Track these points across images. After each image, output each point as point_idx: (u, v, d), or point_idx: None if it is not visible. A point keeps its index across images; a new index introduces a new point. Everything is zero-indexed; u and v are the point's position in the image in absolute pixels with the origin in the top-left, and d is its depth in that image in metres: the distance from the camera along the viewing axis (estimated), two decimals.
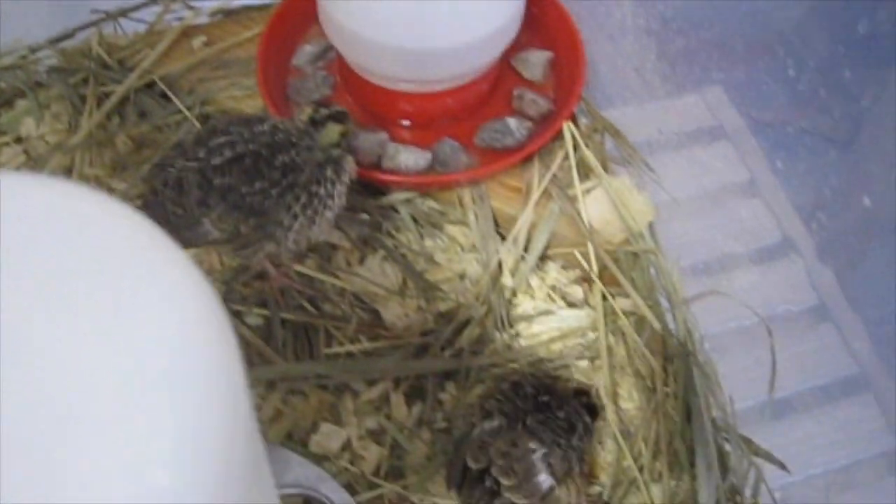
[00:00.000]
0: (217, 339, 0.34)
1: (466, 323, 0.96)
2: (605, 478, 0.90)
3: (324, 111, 0.88)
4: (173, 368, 0.33)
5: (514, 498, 0.81)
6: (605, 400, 0.92)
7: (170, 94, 1.09)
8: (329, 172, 0.87)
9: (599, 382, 0.94)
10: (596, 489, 0.90)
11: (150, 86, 1.11)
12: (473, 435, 0.83)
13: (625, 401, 0.94)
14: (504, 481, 0.81)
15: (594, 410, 0.90)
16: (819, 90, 0.73)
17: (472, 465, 0.82)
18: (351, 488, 0.86)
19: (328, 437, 0.89)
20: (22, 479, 0.30)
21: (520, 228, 0.98)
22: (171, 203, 0.86)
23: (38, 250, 0.35)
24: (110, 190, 1.03)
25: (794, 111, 0.79)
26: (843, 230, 0.81)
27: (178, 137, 1.01)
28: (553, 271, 0.99)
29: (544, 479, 0.82)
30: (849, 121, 0.71)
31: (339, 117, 0.88)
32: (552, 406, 0.85)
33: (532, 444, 0.82)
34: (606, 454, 0.92)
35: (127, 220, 0.36)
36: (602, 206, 0.98)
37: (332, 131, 0.88)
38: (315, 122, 0.88)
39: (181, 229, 0.86)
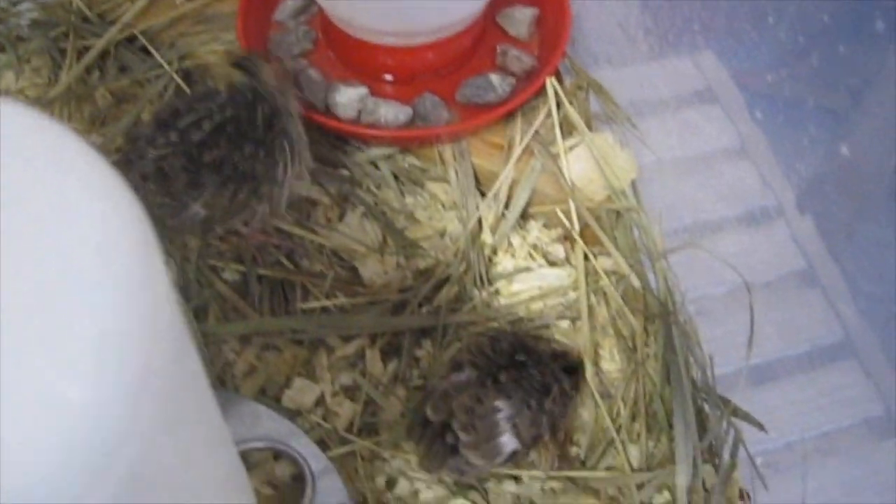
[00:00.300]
0: (136, 249, 0.33)
1: (445, 280, 0.94)
2: (582, 439, 0.89)
3: (244, 58, 0.88)
4: (90, 279, 0.31)
5: (472, 457, 0.79)
6: (586, 361, 0.91)
7: (150, 48, 1.08)
8: (286, 108, 0.87)
9: (580, 343, 0.92)
10: (573, 450, 0.89)
11: (131, 40, 1.10)
12: (439, 387, 0.81)
13: (606, 362, 0.93)
14: (463, 437, 0.79)
15: (576, 374, 0.88)
16: (798, 38, 0.71)
17: (432, 416, 0.80)
18: (323, 444, 0.85)
19: (301, 393, 0.88)
20: None
21: (501, 185, 0.96)
22: (155, 195, 0.83)
23: None
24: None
25: (773, 60, 0.77)
26: (821, 180, 0.80)
27: (133, 130, 0.97)
28: (535, 230, 0.98)
29: (507, 442, 0.80)
30: (827, 68, 0.70)
31: (257, 58, 0.88)
32: (528, 365, 0.83)
33: (498, 403, 0.80)
34: (585, 415, 0.90)
35: (43, 124, 0.35)
36: (585, 163, 0.96)
37: (267, 71, 0.87)
38: (248, 71, 0.87)
39: (166, 219, 0.84)
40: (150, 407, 0.32)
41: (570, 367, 0.87)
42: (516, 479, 0.86)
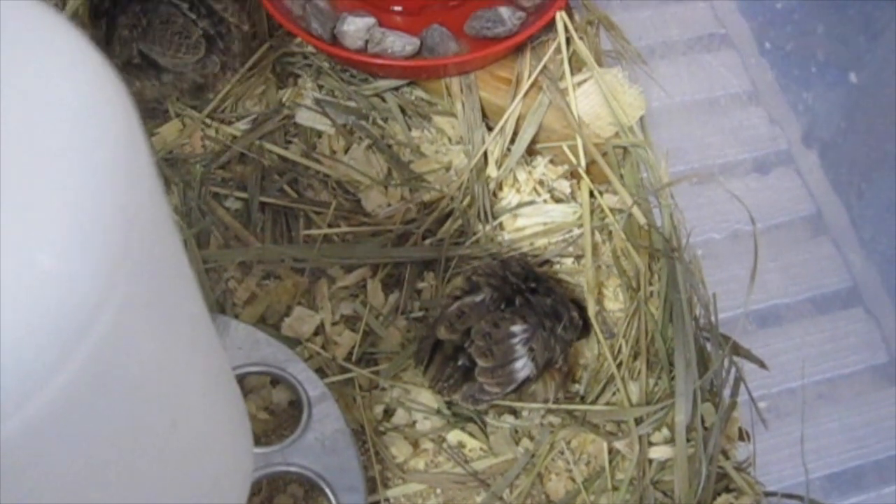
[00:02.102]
0: (114, 119, 0.32)
1: (449, 214, 0.94)
2: (583, 376, 0.89)
3: None
4: (65, 146, 0.31)
5: (487, 383, 0.79)
6: (589, 298, 0.90)
7: None
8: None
9: (584, 281, 0.92)
10: (574, 387, 0.89)
11: None
12: (453, 306, 0.81)
13: (609, 301, 0.93)
14: (480, 362, 0.79)
15: (583, 308, 0.89)
16: None
17: (445, 335, 0.80)
18: (321, 372, 0.84)
19: (301, 321, 0.87)
20: None
21: (507, 119, 0.95)
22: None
23: None
24: None
25: None
26: (829, 110, 0.79)
27: None
28: (541, 165, 0.97)
29: (522, 367, 0.80)
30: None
31: None
32: (539, 292, 0.83)
33: (514, 328, 0.80)
34: (587, 353, 0.90)
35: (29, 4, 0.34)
36: (593, 99, 0.95)
37: None
38: None
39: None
40: (126, 283, 0.32)
41: (578, 301, 0.88)
42: (515, 412, 0.86)
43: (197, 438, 0.45)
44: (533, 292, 0.82)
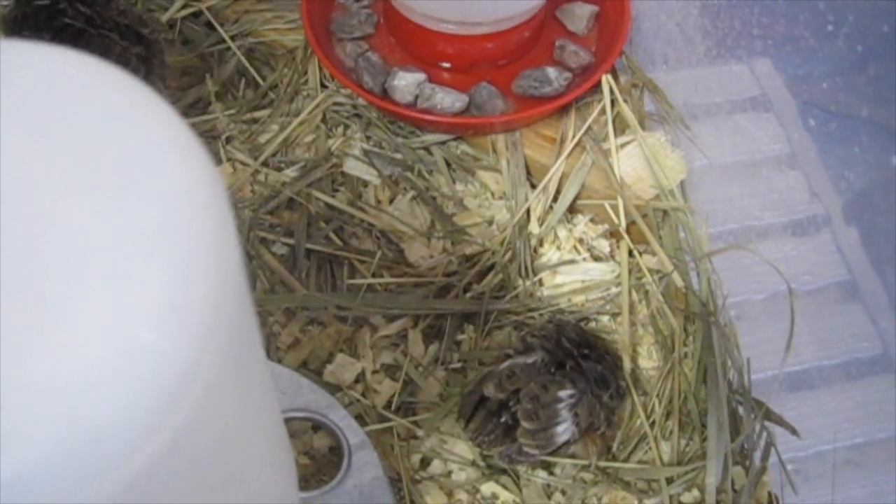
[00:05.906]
0: (209, 202, 0.34)
1: (490, 268, 0.96)
2: (616, 433, 0.90)
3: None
4: (164, 226, 0.33)
5: (526, 444, 0.81)
6: (624, 356, 0.92)
7: (215, 23, 1.10)
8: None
9: (619, 339, 0.93)
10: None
11: (197, 15, 1.12)
12: (504, 364, 0.83)
13: (643, 359, 0.94)
14: (525, 424, 0.80)
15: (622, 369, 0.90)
16: (856, 47, 0.72)
17: (492, 393, 0.81)
18: (361, 419, 0.86)
19: (342, 368, 0.90)
20: (8, 328, 0.31)
21: (551, 177, 0.97)
22: None
23: (36, 111, 0.35)
24: None
25: (830, 68, 0.78)
26: (869, 190, 0.80)
27: None
28: (581, 224, 0.99)
29: (564, 430, 0.81)
30: (884, 78, 0.71)
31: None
32: (591, 358, 0.85)
33: (562, 393, 0.81)
34: (620, 411, 0.91)
35: (123, 83, 0.36)
36: (635, 161, 0.97)
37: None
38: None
39: None
40: (216, 352, 0.34)
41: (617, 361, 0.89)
42: (549, 465, 0.87)
43: (258, 490, 0.47)
44: (585, 358, 0.84)
